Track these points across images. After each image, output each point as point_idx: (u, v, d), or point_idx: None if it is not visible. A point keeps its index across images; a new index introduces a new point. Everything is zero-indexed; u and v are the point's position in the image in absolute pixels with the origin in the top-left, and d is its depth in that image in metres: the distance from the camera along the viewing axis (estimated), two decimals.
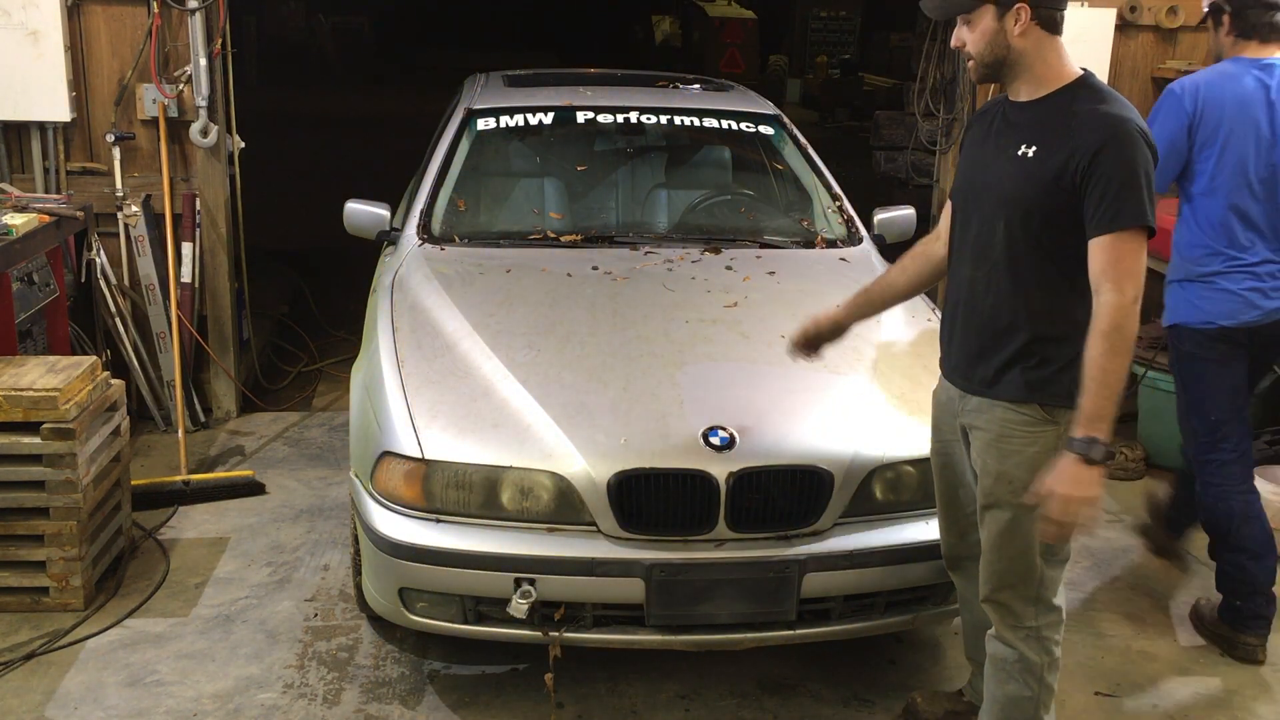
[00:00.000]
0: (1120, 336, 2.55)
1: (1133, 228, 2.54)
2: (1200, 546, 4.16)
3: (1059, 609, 2.83)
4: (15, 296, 4.25)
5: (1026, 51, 2.66)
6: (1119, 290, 2.54)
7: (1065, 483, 2.53)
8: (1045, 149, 2.64)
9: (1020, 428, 2.71)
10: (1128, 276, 2.55)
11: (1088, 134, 2.58)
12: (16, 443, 3.61)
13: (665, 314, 3.63)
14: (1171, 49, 5.98)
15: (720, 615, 3.06)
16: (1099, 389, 2.55)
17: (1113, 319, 2.54)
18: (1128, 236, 2.55)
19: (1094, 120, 2.59)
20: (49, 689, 3.36)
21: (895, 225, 4.47)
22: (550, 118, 4.70)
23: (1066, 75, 2.68)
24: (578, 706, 3.37)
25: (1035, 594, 2.79)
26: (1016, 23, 2.63)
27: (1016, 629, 2.82)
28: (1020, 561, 2.77)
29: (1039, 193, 2.63)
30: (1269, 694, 3.57)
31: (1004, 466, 2.74)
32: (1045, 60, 2.67)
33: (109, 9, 4.99)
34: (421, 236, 4.22)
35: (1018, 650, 2.82)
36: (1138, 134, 2.58)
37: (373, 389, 3.35)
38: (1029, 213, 2.66)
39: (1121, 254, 2.55)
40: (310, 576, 4.02)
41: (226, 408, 5.44)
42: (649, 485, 3.00)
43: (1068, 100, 2.65)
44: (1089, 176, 2.56)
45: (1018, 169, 2.68)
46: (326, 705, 3.33)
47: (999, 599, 2.83)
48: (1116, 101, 2.64)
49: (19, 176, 5.05)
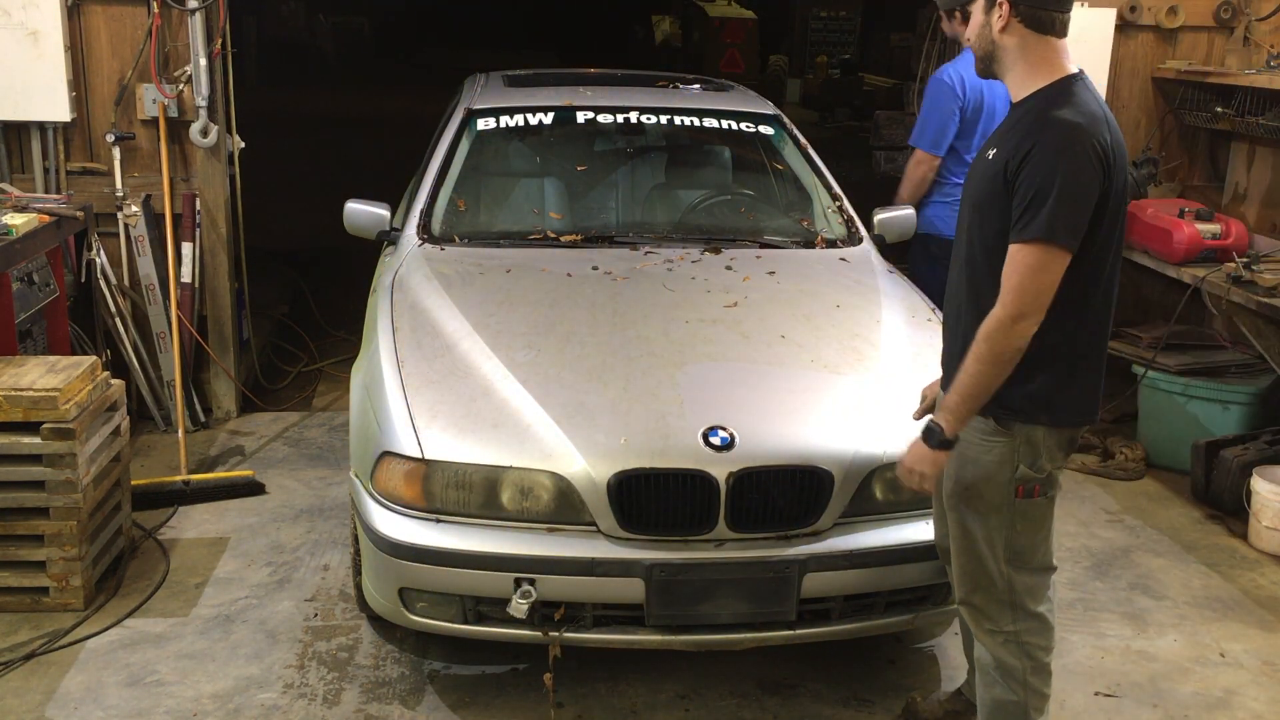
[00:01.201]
0: (987, 347, 2.54)
1: (1035, 241, 2.48)
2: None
3: (1040, 616, 2.80)
4: (15, 296, 4.25)
5: (1009, 49, 2.64)
6: (1002, 303, 2.52)
7: (909, 455, 2.75)
8: (1000, 150, 2.62)
9: (976, 435, 2.71)
10: (1015, 292, 2.50)
11: (1028, 135, 2.53)
12: (16, 443, 3.61)
13: (665, 314, 3.63)
14: (1171, 49, 5.99)
15: (720, 615, 3.06)
16: (957, 385, 2.60)
17: (987, 329, 2.54)
18: (1029, 249, 2.49)
19: (1040, 122, 2.54)
20: (49, 689, 3.36)
21: (895, 225, 4.47)
22: (550, 118, 4.70)
23: (1051, 76, 2.62)
24: (578, 706, 3.37)
25: (1008, 599, 2.78)
26: (998, 18, 2.62)
27: (994, 634, 2.82)
28: (980, 565, 2.78)
29: (989, 195, 2.61)
30: (1269, 694, 3.57)
31: (961, 473, 2.75)
32: (1028, 60, 2.63)
33: (109, 9, 4.99)
34: (421, 236, 4.22)
35: (998, 653, 2.82)
36: (1080, 144, 2.48)
37: (373, 389, 3.35)
38: (985, 217, 2.64)
39: (1017, 266, 2.51)
40: (310, 576, 4.02)
41: (226, 408, 5.44)
42: (649, 485, 3.00)
43: (1036, 102, 2.60)
44: (1016, 178, 2.52)
45: (982, 171, 2.68)
46: (326, 705, 3.33)
47: (972, 601, 2.84)
48: (1077, 108, 2.54)
49: (19, 176, 5.05)
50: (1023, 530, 2.73)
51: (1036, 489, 2.70)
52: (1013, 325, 2.51)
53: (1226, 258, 5.18)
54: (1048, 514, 2.77)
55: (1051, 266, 2.49)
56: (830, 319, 3.67)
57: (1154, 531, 4.61)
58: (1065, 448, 2.74)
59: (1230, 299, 4.90)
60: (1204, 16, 5.93)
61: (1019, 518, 2.72)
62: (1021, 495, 2.70)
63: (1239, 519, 4.65)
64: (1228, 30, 5.95)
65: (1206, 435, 4.95)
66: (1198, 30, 5.95)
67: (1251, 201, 5.80)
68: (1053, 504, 2.77)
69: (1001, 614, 2.80)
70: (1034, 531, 2.75)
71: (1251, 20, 5.83)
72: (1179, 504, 4.87)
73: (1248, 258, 4.97)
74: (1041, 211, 2.46)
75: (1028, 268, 2.49)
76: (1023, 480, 2.69)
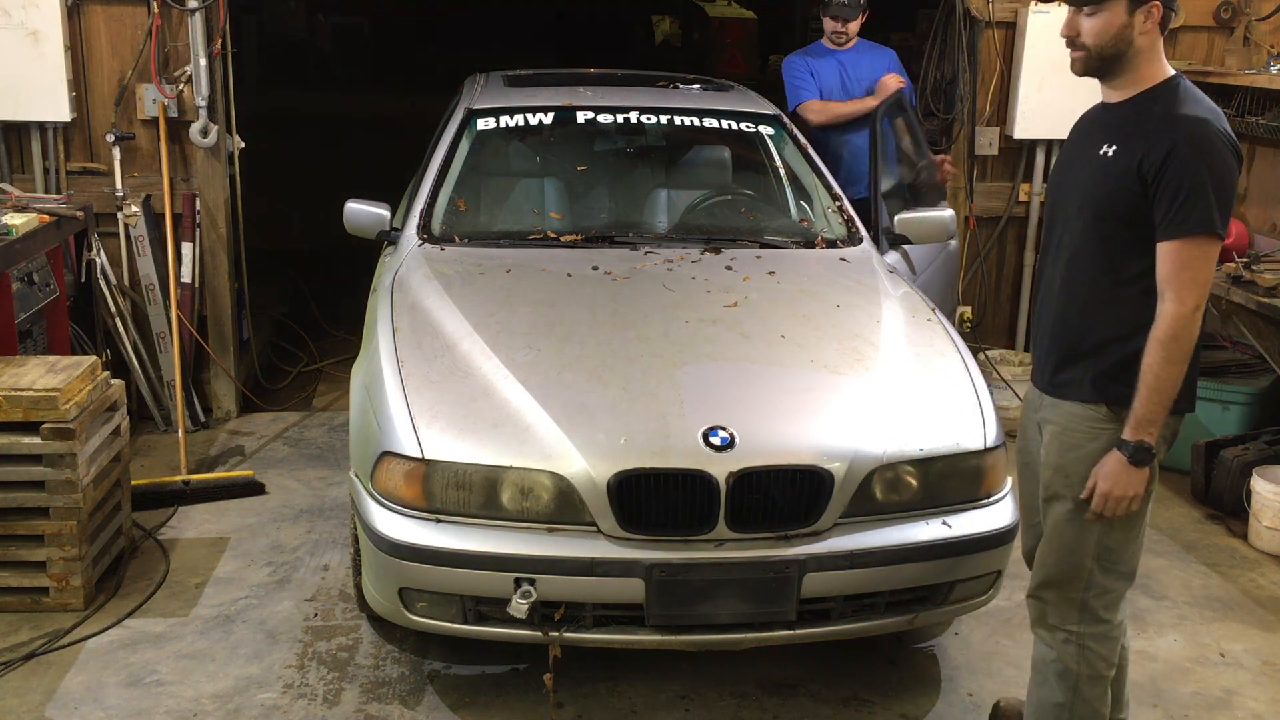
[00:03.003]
0: (1176, 346, 2.56)
1: (1198, 235, 2.53)
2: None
3: (1110, 624, 2.79)
4: (15, 296, 4.25)
5: (1143, 49, 2.65)
6: (1179, 299, 2.55)
7: (1110, 480, 2.65)
8: (1123, 148, 2.63)
9: (1084, 424, 2.73)
10: (1189, 285, 2.55)
11: (1162, 134, 2.56)
12: (16, 443, 3.61)
13: (665, 314, 3.63)
14: (1171, 49, 5.98)
15: (720, 615, 3.06)
16: (1150, 394, 2.59)
17: (1170, 328, 2.56)
18: (1193, 243, 2.54)
19: (1170, 121, 2.58)
20: (49, 689, 3.36)
21: (922, 227, 4.44)
22: (550, 118, 4.70)
23: (1159, 76, 2.66)
24: (578, 706, 3.37)
25: (1081, 598, 2.77)
26: (1146, 19, 2.62)
27: (1056, 630, 2.82)
28: (1069, 558, 2.77)
29: (1113, 192, 2.64)
30: (1269, 694, 3.57)
31: (1063, 460, 2.76)
32: (1150, 59, 2.66)
33: (109, 9, 4.99)
34: (421, 236, 4.22)
35: (1055, 652, 2.82)
36: (1215, 138, 2.55)
37: (373, 389, 3.35)
38: (1104, 212, 2.66)
39: (1185, 261, 2.55)
40: (310, 576, 4.02)
41: (226, 408, 5.44)
42: (649, 485, 3.00)
43: (1152, 101, 2.64)
44: (1159, 178, 2.55)
45: (1097, 169, 2.69)
46: (326, 705, 3.33)
47: (1042, 595, 2.84)
48: (1199, 104, 2.60)
49: (19, 176, 5.05)
50: (1119, 526, 2.73)
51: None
52: (1193, 316, 2.56)
53: (1226, 258, 5.18)
54: (1142, 515, 2.76)
55: (1213, 255, 2.57)
56: (830, 319, 3.67)
57: (1154, 532, 4.60)
58: (1168, 439, 2.73)
59: (1230, 299, 4.89)
60: (1204, 16, 5.92)
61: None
62: None
63: (1239, 519, 4.65)
64: (1228, 30, 5.94)
65: (1206, 435, 4.95)
66: (1198, 30, 5.94)
67: (1251, 201, 5.80)
68: (1147, 507, 2.76)
69: (1069, 613, 2.79)
70: (1127, 530, 2.74)
71: (1251, 20, 5.83)
72: (1179, 504, 4.87)
73: (1248, 258, 4.98)
74: (1200, 205, 2.52)
75: (1196, 259, 2.55)
76: None
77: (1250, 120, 5.49)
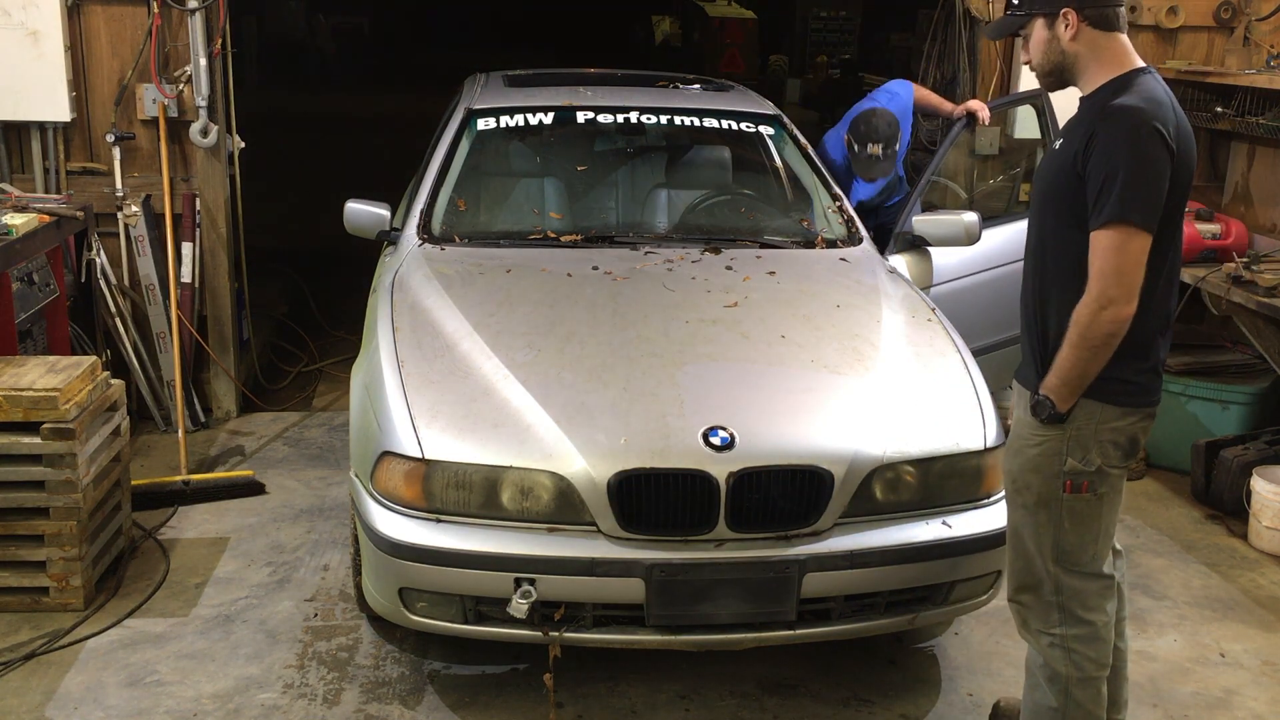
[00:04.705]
0: (1076, 332, 2.58)
1: (1111, 224, 2.52)
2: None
3: (1093, 625, 2.77)
4: (15, 296, 4.25)
5: (1081, 54, 2.67)
6: (1088, 289, 2.57)
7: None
8: (1066, 140, 2.67)
9: (1029, 429, 2.73)
10: (1097, 276, 2.55)
11: (1092, 123, 2.58)
12: (16, 443, 3.61)
13: (665, 314, 3.63)
14: (1171, 49, 5.98)
15: (720, 615, 3.06)
16: (1055, 367, 2.63)
17: (1076, 314, 2.58)
18: (1105, 233, 2.53)
19: (1100, 110, 2.59)
20: (49, 689, 3.36)
21: (939, 230, 4.43)
22: (550, 118, 4.70)
23: (1115, 73, 2.66)
24: (578, 706, 3.37)
25: (1055, 601, 2.78)
26: (1066, 27, 2.65)
27: (1040, 634, 2.82)
28: (1031, 563, 2.78)
29: (1059, 185, 2.66)
30: (1269, 694, 3.57)
31: (1011, 465, 2.78)
32: (1100, 58, 2.67)
33: (109, 9, 4.99)
34: (422, 236, 4.22)
35: (1042, 657, 2.82)
36: (1140, 126, 2.52)
37: (373, 389, 3.35)
38: (1054, 207, 2.68)
39: (1097, 251, 2.55)
40: (310, 576, 4.02)
41: (226, 408, 5.44)
42: (649, 485, 3.00)
43: (1100, 95, 2.65)
44: (1085, 167, 2.57)
45: (1049, 163, 2.73)
46: (326, 705, 3.33)
47: (1020, 600, 2.85)
48: (1139, 95, 2.58)
49: (19, 176, 5.05)
50: (1071, 529, 2.73)
51: (1085, 485, 2.70)
52: (1099, 311, 2.54)
53: (1226, 258, 5.18)
54: (1098, 513, 2.74)
55: (1129, 247, 2.53)
56: (830, 319, 3.67)
57: (1154, 532, 4.61)
58: (1123, 445, 2.71)
59: (1230, 299, 4.90)
60: (1204, 16, 5.92)
61: (1067, 514, 2.72)
62: (1069, 491, 2.70)
63: (1239, 519, 4.65)
64: (1228, 30, 5.94)
65: (1206, 435, 4.95)
66: (1198, 30, 5.94)
67: (1251, 201, 5.79)
68: (1104, 504, 2.74)
69: (1049, 615, 2.79)
70: (1082, 531, 2.73)
71: (1251, 20, 5.83)
72: (1179, 504, 4.87)
73: (1247, 258, 4.98)
74: (1113, 194, 2.51)
75: (1106, 251, 2.54)
76: (1071, 474, 2.69)
77: (1250, 120, 5.48)
